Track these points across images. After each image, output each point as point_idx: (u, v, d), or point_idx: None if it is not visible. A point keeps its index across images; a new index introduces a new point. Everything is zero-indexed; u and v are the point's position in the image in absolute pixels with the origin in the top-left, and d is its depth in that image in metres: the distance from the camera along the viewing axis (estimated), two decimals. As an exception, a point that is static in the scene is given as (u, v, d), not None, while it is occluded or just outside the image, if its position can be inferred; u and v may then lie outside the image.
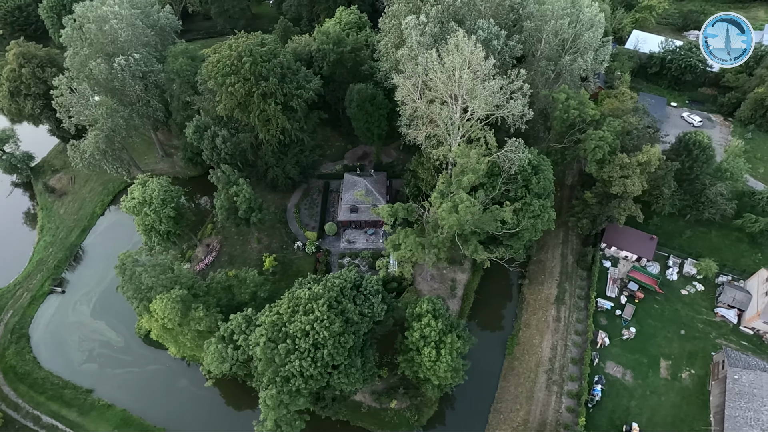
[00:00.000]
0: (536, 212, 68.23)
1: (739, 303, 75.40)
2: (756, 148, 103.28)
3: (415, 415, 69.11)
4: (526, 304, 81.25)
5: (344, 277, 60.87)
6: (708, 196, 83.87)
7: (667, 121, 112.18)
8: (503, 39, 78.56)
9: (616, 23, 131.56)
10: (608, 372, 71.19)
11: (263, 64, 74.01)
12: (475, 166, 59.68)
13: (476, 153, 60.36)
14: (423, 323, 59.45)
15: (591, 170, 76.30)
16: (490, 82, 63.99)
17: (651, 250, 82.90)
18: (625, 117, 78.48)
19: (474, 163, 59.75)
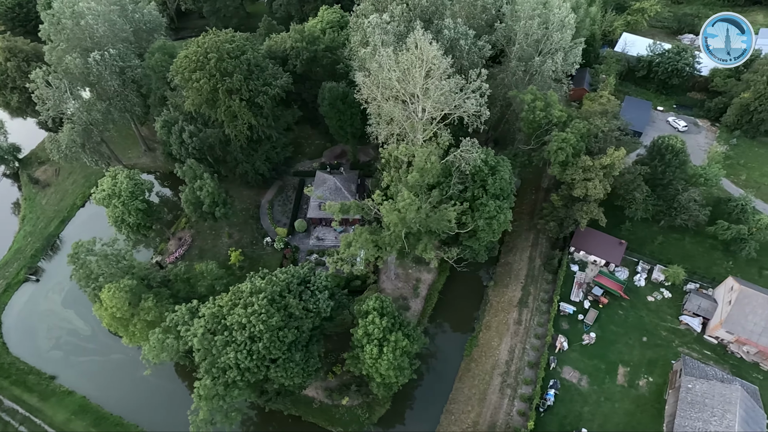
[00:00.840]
0: (492, 213, 67.76)
1: (704, 311, 73.74)
2: (740, 154, 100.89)
3: (366, 413, 69.12)
4: (490, 306, 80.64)
5: (291, 273, 61.29)
6: (680, 201, 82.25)
7: (652, 125, 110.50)
8: (471, 39, 78.40)
9: (607, 25, 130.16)
10: (564, 377, 70.23)
11: (229, 61, 74.94)
12: (421, 164, 59.55)
13: (423, 152, 60.21)
14: (368, 321, 59.50)
15: (554, 172, 75.51)
16: (443, 82, 63.80)
17: (619, 255, 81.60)
18: (591, 119, 77.39)
19: (420, 162, 59.64)
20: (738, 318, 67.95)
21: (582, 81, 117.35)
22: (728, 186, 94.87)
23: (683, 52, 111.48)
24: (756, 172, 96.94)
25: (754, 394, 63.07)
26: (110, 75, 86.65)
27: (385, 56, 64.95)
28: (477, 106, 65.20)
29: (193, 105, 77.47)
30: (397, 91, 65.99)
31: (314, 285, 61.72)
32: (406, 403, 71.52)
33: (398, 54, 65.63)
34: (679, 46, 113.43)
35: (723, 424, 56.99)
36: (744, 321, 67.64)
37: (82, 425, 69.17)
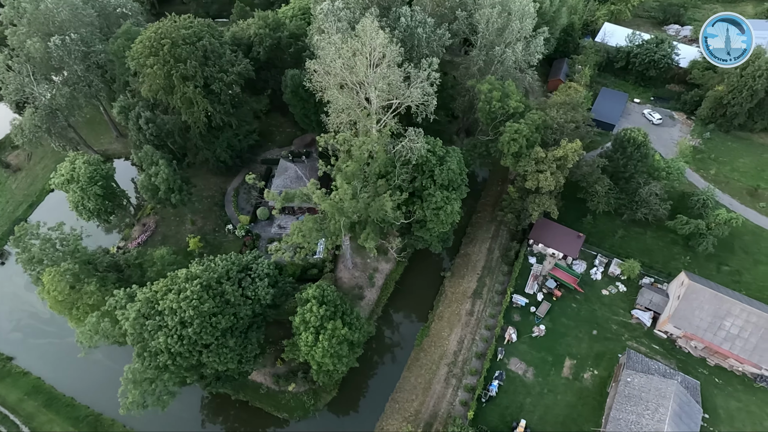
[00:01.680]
0: (439, 204, 67.50)
1: (655, 306, 73.34)
2: (712, 148, 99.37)
3: (312, 399, 69.80)
4: (444, 297, 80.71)
5: (232, 260, 61.62)
6: (641, 195, 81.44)
7: (627, 117, 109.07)
8: (430, 27, 77.41)
9: (588, 15, 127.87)
10: (510, 368, 70.40)
11: (184, 47, 74.61)
12: (357, 154, 59.30)
13: (360, 141, 59.88)
14: (306, 309, 59.84)
15: (506, 163, 74.88)
16: (388, 70, 63.15)
17: (576, 248, 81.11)
18: (548, 110, 76.39)
19: (357, 151, 59.37)
20: (685, 313, 67.53)
21: (559, 71, 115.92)
22: (697, 181, 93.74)
23: (662, 43, 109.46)
24: (727, 167, 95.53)
25: (694, 389, 62.95)
26: (73, 60, 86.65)
27: (328, 43, 64.28)
28: (422, 96, 64.48)
29: (149, 91, 77.41)
30: (343, 79, 65.43)
31: (255, 272, 62.02)
32: (354, 391, 72.14)
33: (345, 41, 64.94)
34: (658, 37, 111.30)
35: (655, 418, 56.98)
36: (691, 316, 67.22)
37: (33, 405, 70.57)
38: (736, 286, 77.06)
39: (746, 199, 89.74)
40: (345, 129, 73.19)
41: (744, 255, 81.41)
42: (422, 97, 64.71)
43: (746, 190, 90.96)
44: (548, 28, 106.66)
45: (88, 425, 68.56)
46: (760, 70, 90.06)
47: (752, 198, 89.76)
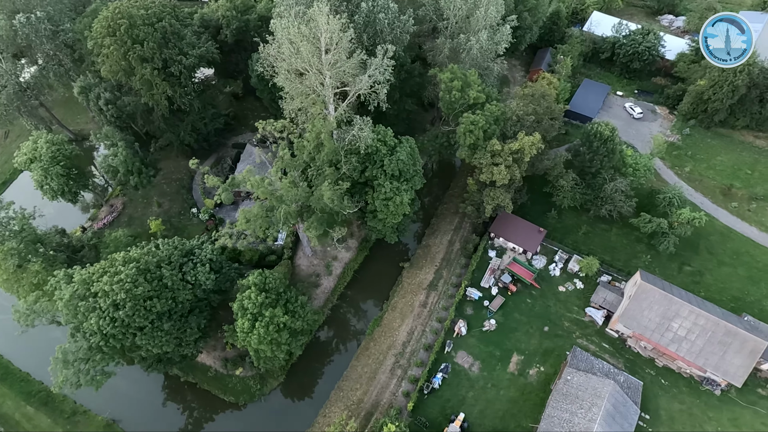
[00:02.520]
0: (388, 194, 66.75)
1: (609, 304, 72.33)
2: (691, 145, 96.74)
3: (259, 384, 70.56)
4: (401, 287, 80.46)
5: (174, 245, 61.81)
6: (606, 191, 79.81)
7: (608, 110, 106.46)
8: (393, 13, 75.63)
9: (578, 3, 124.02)
10: (457, 361, 70.27)
11: (142, 28, 73.87)
12: (300, 143, 58.61)
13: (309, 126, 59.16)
14: (244, 295, 60.03)
15: (462, 155, 73.63)
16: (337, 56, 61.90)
17: (536, 243, 80.00)
18: (507, 102, 74.54)
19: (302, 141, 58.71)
20: (634, 313, 66.53)
21: (541, 61, 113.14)
22: (670, 177, 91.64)
23: (648, 34, 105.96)
24: (703, 165, 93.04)
25: (635, 389, 62.35)
26: (40, 39, 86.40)
27: (278, 27, 63.12)
28: (369, 83, 63.23)
29: (108, 72, 77.03)
30: (291, 65, 64.35)
31: (198, 258, 62.21)
32: (302, 377, 72.73)
33: (295, 26, 63.60)
34: (645, 28, 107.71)
35: (587, 417, 56.59)
36: (640, 316, 66.22)
37: (-13, 379, 72.41)
38: (695, 287, 75.73)
39: (719, 199, 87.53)
40: (300, 115, 72.45)
41: (708, 255, 79.72)
42: (370, 84, 63.37)
43: (720, 188, 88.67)
44: (529, 15, 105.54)
45: (39, 400, 70.20)
46: (741, 65, 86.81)
47: (725, 197, 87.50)
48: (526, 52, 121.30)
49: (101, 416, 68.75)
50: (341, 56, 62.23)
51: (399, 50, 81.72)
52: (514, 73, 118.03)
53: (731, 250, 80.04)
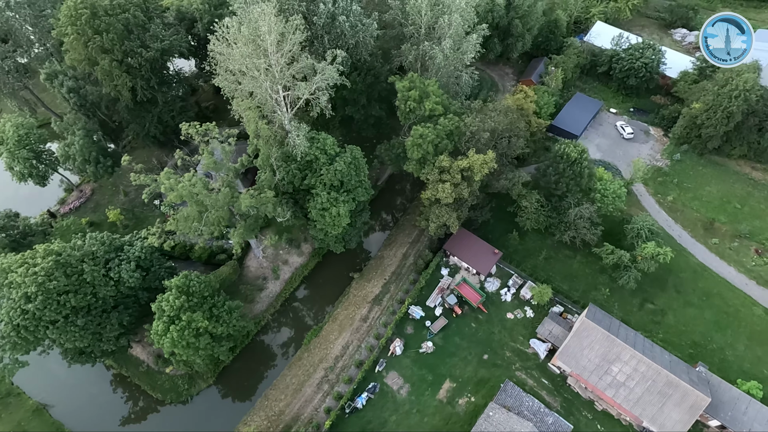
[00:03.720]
0: (324, 204, 64.62)
1: (554, 338, 68.16)
2: (680, 171, 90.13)
3: (187, 384, 70.21)
4: (346, 298, 78.40)
5: (101, 240, 61.69)
6: (569, 216, 75.22)
7: (597, 128, 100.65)
8: (356, 16, 72.96)
9: (581, 12, 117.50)
10: (387, 382, 67.85)
11: (104, 18, 73.87)
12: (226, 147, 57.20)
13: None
14: (164, 297, 59.41)
15: (409, 169, 70.55)
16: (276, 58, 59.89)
17: (489, 265, 76.25)
18: (463, 116, 70.70)
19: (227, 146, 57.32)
20: (574, 351, 62.37)
21: (533, 72, 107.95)
22: (651, 206, 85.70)
23: (647, 49, 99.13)
24: (688, 194, 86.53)
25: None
26: (20, 23, 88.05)
27: (221, 27, 61.61)
28: (310, 89, 61.00)
29: (72, 60, 77.59)
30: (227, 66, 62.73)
31: (125, 255, 61.94)
32: (232, 382, 71.94)
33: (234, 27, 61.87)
34: (645, 42, 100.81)
35: (497, 460, 53.43)
36: (579, 355, 62.02)
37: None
38: (654, 328, 70.58)
39: (699, 233, 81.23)
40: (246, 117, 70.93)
41: (675, 294, 74.08)
42: (306, 90, 61.11)
43: (702, 222, 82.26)
44: (521, 23, 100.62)
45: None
46: (738, 89, 79.89)
47: (706, 232, 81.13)
48: (522, 60, 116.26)
49: (33, 400, 70.05)
50: (293, 58, 60.15)
51: (365, 54, 79.29)
52: (505, 82, 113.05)
53: (702, 290, 74.11)
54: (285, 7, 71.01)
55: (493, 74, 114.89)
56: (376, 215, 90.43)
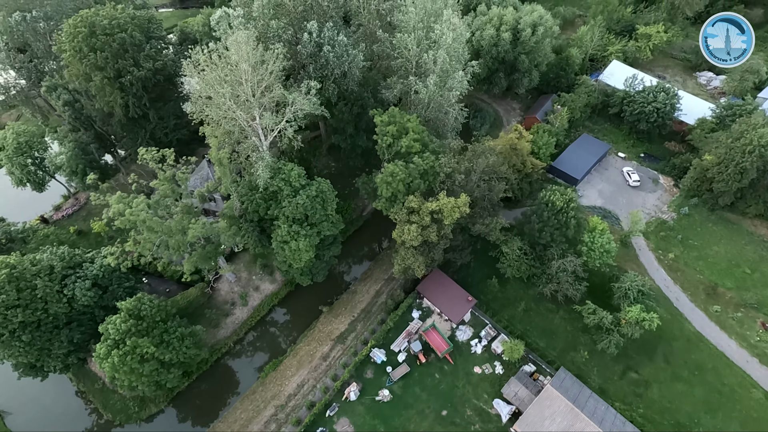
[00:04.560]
0: (284, 237, 62.73)
1: (519, 401, 62.81)
2: (686, 227, 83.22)
3: (137, 407, 68.94)
4: (311, 333, 75.63)
5: (60, 256, 61.98)
6: (551, 269, 70.27)
7: (602, 173, 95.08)
8: (342, 47, 71.96)
9: (598, 50, 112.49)
10: (336, 428, 64.22)
11: (100, 37, 76.09)
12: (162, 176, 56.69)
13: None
14: (111, 320, 58.68)
15: (378, 206, 67.73)
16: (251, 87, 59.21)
17: (461, 313, 71.90)
18: (440, 156, 67.50)
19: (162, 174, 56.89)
20: (534, 420, 57.09)
21: (539, 109, 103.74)
22: (649, 262, 79.27)
23: (660, 93, 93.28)
24: (693, 253, 79.51)
25: None
26: (36, 36, 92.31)
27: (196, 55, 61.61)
28: (271, 119, 59.81)
29: (70, 76, 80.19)
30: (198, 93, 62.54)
31: (83, 272, 61.93)
32: (183, 409, 70.11)
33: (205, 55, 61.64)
34: (659, 85, 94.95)
35: None
36: (540, 425, 56.68)
37: None
38: (634, 401, 63.99)
39: (699, 298, 74.08)
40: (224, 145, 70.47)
41: (664, 364, 67.26)
42: (273, 122, 59.99)
43: (704, 286, 75.06)
44: (527, 59, 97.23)
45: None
46: (752, 144, 73.25)
47: (708, 297, 73.89)
48: (531, 95, 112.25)
49: (-9, 407, 70.68)
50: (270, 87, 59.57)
51: (352, 85, 77.97)
52: (511, 117, 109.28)
53: (694, 362, 66.99)
54: (270, 35, 70.88)
55: (500, 108, 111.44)
56: (358, 247, 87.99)
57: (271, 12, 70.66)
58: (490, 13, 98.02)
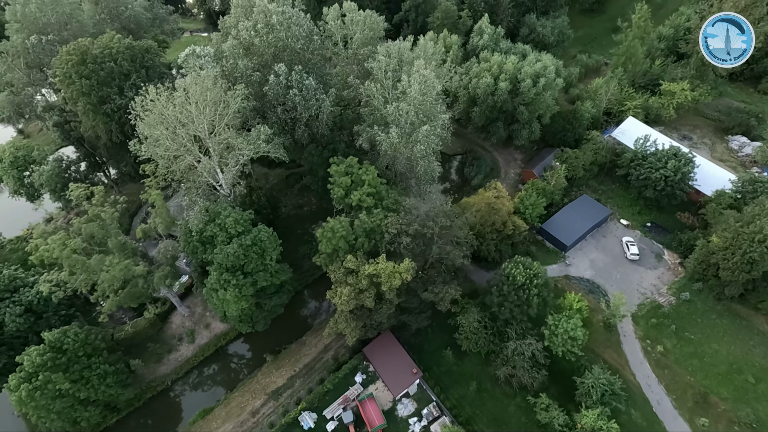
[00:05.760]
0: (213, 285, 59.96)
1: (444, 501, 55.39)
2: (684, 315, 72.67)
3: (62, 438, 67.52)
4: (249, 383, 71.76)
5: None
6: (507, 350, 62.92)
7: (599, 240, 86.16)
8: (309, 90, 69.99)
9: (615, 105, 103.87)
10: (245, 497, 59.52)
11: (90, 65, 78.69)
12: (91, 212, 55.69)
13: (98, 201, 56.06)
14: (27, 352, 57.85)
15: (318, 261, 63.50)
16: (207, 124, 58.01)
17: (403, 386, 65.55)
18: (388, 215, 62.49)
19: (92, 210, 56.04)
20: None
21: (538, 163, 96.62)
22: (633, 353, 69.51)
23: (674, 158, 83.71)
24: (687, 348, 68.89)
25: None
26: (49, 58, 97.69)
27: (152, 92, 61.48)
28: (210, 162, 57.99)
29: (63, 98, 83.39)
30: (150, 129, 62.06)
31: (18, 296, 62.11)
32: (108, 446, 68.08)
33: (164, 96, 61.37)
34: (672, 149, 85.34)
35: None
36: None
37: None
38: None
39: (686, 405, 63.45)
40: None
41: (626, 483, 57.42)
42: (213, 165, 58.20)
43: (694, 390, 64.33)
44: (527, 110, 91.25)
45: None
46: (763, 233, 62.93)
47: (696, 406, 63.12)
48: (536, 146, 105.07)
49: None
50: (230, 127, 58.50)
51: (323, 129, 75.47)
52: (510, 168, 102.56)
53: (665, 487, 56.68)
54: (238, 74, 70.15)
55: (500, 157, 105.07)
56: (320, 294, 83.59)
57: (241, 52, 69.98)
58: (491, 60, 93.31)
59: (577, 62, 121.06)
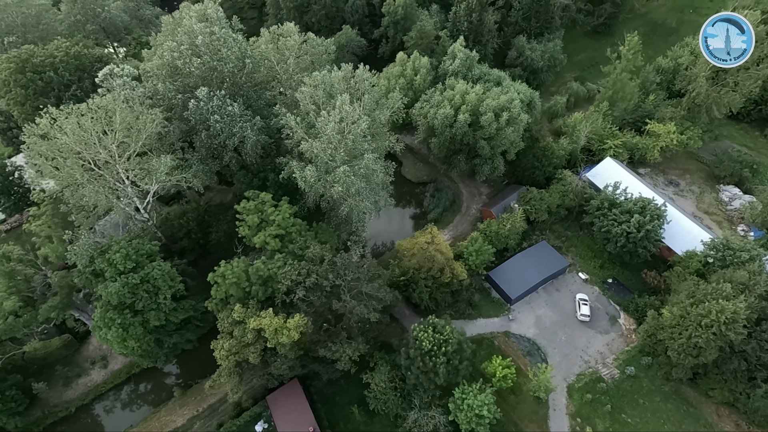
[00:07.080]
0: (98, 323, 56.83)
1: None
2: (625, 393, 65.38)
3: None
4: (151, 418, 68.73)
5: None
6: (408, 420, 57.45)
7: (551, 294, 79.09)
8: (232, 116, 65.99)
9: (596, 142, 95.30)
10: None
11: (28, 74, 77.14)
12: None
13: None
14: None
15: (210, 306, 59.10)
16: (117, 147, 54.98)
17: (298, 444, 61.03)
18: (288, 263, 57.59)
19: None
20: None
21: (501, 200, 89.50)
22: (561, 428, 62.54)
23: (640, 212, 75.49)
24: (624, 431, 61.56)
25: None
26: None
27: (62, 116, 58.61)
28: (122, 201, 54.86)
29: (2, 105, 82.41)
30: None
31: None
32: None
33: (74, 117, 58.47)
34: (640, 201, 76.95)
35: None
36: None
37: None
38: None
39: (605, 501, 56.46)
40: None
41: None
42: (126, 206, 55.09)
43: (616, 485, 57.21)
44: (488, 145, 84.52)
45: None
46: (710, 317, 54.98)
47: (615, 504, 56.00)
48: (507, 181, 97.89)
49: None
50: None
51: (251, 157, 71.34)
52: (472, 203, 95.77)
53: None
54: (159, 97, 66.76)
55: (465, 191, 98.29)
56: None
57: (164, 73, 66.50)
58: (456, 88, 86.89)
59: (567, 90, 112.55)
